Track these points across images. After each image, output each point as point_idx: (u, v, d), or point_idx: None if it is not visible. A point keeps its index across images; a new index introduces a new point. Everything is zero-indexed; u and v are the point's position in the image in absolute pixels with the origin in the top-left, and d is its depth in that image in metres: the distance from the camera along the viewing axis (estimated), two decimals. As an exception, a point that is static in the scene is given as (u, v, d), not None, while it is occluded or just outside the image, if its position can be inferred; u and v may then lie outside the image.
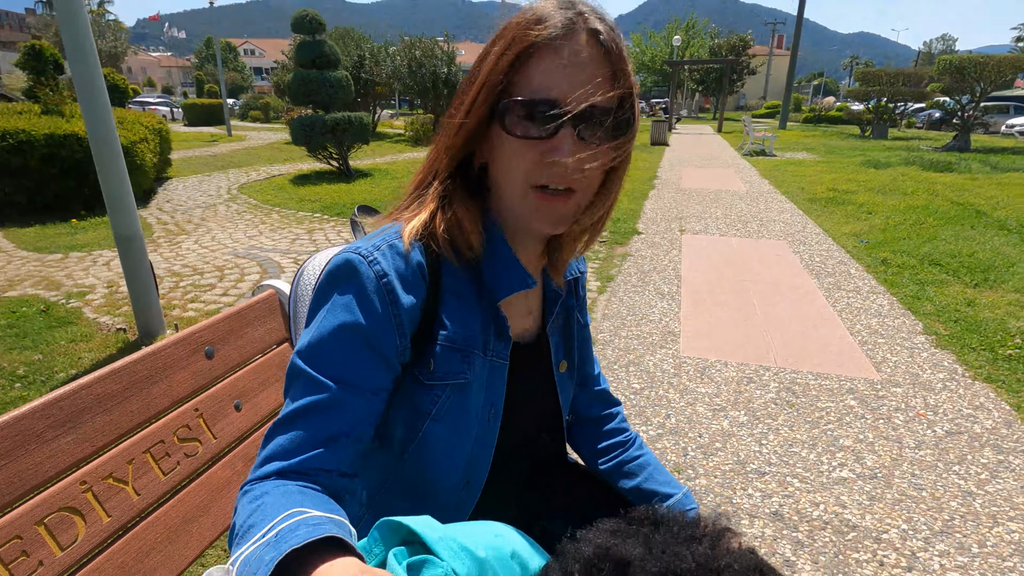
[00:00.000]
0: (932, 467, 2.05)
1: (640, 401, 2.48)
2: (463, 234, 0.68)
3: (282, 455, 0.60)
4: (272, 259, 4.58)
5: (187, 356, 1.02)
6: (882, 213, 6.37)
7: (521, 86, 0.60)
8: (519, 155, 0.62)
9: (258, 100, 27.59)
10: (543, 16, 0.60)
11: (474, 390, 0.71)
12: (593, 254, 4.76)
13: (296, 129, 8.39)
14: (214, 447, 1.04)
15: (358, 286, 0.63)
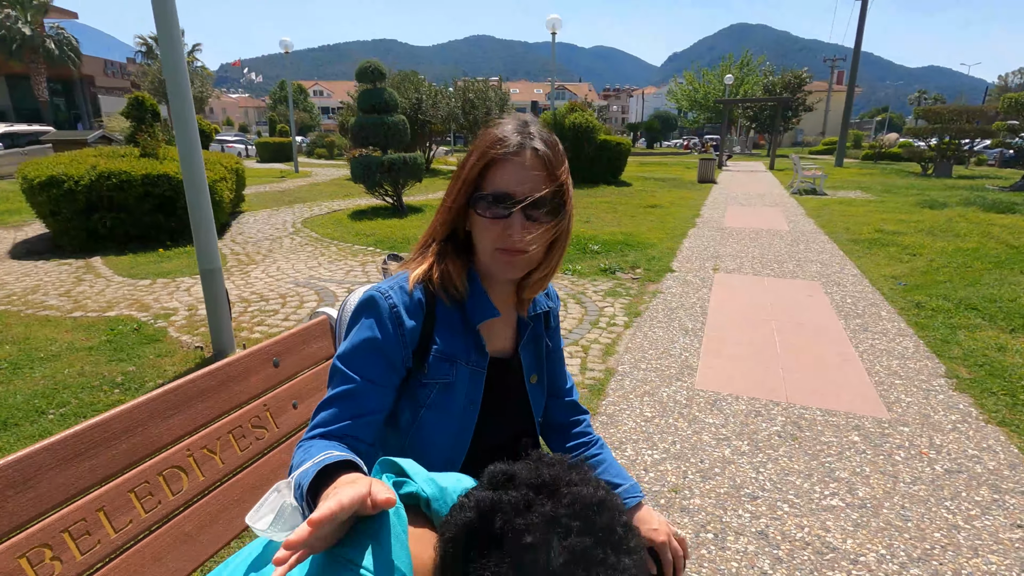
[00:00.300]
0: (923, 501, 2.15)
1: (649, 428, 2.68)
2: (451, 280, 0.99)
3: (323, 424, 0.91)
4: (328, 288, 5.05)
5: (260, 364, 1.36)
6: (927, 255, 6.28)
7: (487, 184, 0.92)
8: (487, 229, 0.93)
9: (323, 138, 29.48)
10: (503, 138, 0.92)
11: (457, 389, 1.00)
12: (624, 290, 4.99)
13: (356, 168, 9.10)
14: (276, 434, 1.36)
15: (377, 314, 0.95)
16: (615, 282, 5.28)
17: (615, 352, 3.62)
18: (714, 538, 1.95)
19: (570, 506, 0.61)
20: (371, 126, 9.05)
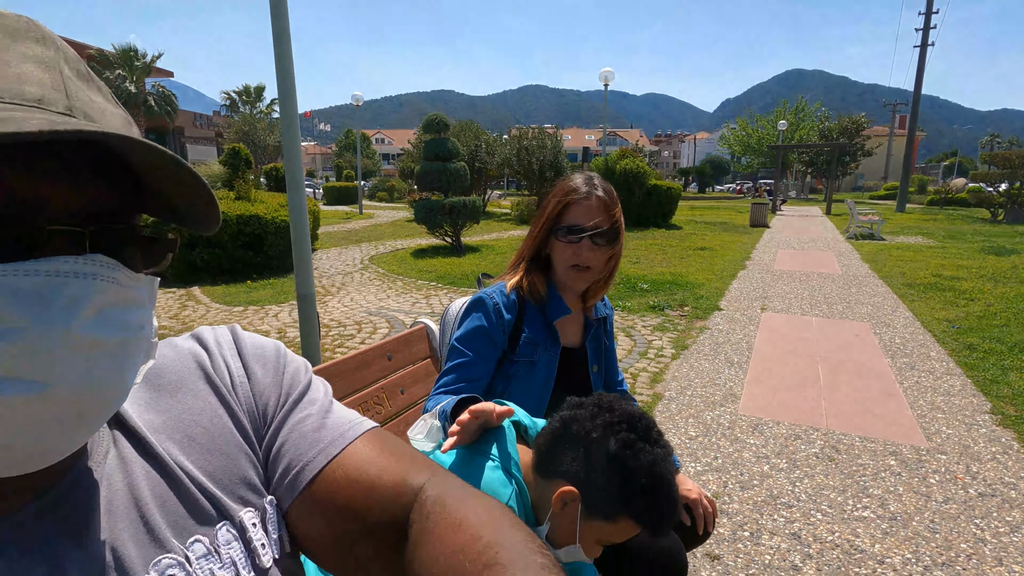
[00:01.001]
0: (953, 518, 2.31)
1: (693, 445, 2.93)
2: (536, 288, 1.38)
3: (445, 385, 1.30)
4: (397, 317, 5.55)
5: (380, 357, 1.77)
6: (985, 300, 6.22)
7: (563, 219, 1.32)
8: (563, 251, 1.32)
9: (385, 183, 31.24)
10: (575, 187, 1.32)
11: (538, 368, 1.38)
12: (672, 326, 5.24)
13: (419, 210, 9.82)
14: (390, 412, 1.76)
15: (484, 309, 1.34)
16: (663, 318, 5.54)
17: (662, 380, 3.88)
18: (750, 536, 2.19)
19: (620, 416, 0.96)
20: (434, 172, 9.80)
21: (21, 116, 0.30)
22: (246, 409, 0.53)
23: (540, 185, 18.05)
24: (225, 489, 0.49)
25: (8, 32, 0.35)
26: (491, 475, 0.96)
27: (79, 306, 0.33)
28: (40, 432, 0.33)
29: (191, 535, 0.45)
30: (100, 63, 26.73)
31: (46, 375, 0.32)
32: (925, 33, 24.35)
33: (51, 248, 0.33)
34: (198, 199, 0.39)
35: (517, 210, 16.72)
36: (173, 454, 0.47)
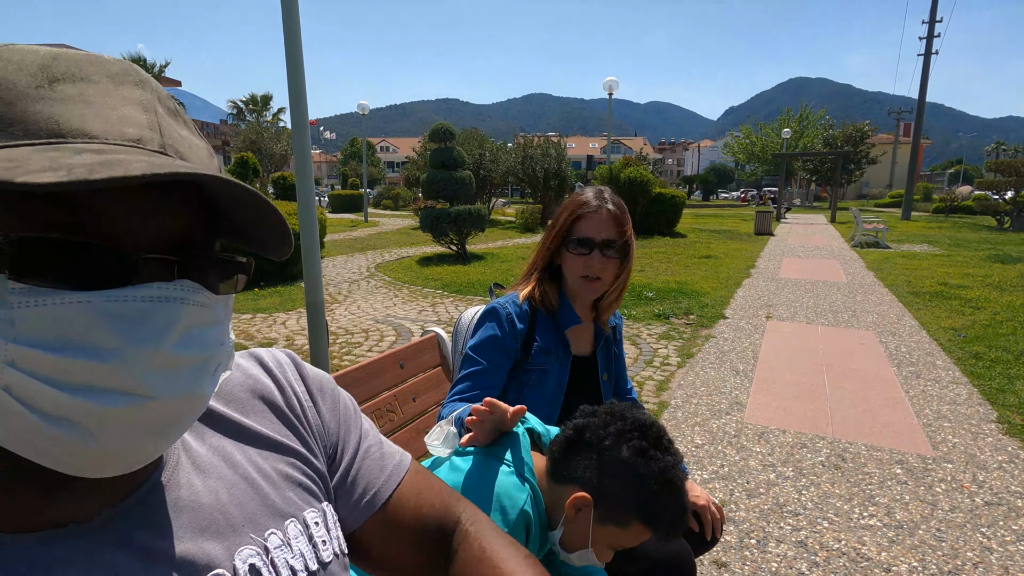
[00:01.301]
0: (960, 527, 2.32)
1: (699, 453, 2.95)
2: (548, 298, 1.41)
3: (459, 392, 1.34)
4: (404, 325, 5.59)
5: (392, 364, 1.81)
6: (992, 309, 6.22)
7: (575, 232, 1.35)
8: (574, 262, 1.36)
9: (390, 191, 31.40)
10: (587, 201, 1.36)
11: (550, 375, 1.41)
12: (677, 334, 5.26)
13: (425, 219, 9.89)
14: (402, 419, 1.80)
15: (497, 318, 1.38)
16: (668, 327, 5.57)
17: (668, 388, 3.90)
18: (756, 543, 2.21)
19: (632, 424, 1.00)
20: (440, 181, 9.87)
21: (124, 158, 0.33)
22: (315, 432, 0.60)
23: (544, 193, 18.13)
24: (292, 490, 0.54)
25: (112, 77, 0.38)
26: (506, 480, 0.99)
27: (169, 328, 0.36)
28: (134, 439, 0.37)
29: (266, 528, 0.50)
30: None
31: (142, 389, 0.35)
32: (929, 41, 24.41)
33: (145, 275, 0.36)
34: (274, 229, 0.42)
35: (522, 218, 16.79)
36: (245, 456, 0.52)
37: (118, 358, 0.34)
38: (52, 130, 0.34)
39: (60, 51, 0.38)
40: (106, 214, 0.35)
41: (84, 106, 0.36)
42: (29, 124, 0.34)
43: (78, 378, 0.34)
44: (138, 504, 0.44)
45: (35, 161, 0.31)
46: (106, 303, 0.34)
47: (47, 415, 0.34)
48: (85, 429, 0.34)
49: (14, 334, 0.32)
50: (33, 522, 0.39)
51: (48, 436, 0.34)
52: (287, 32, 4.09)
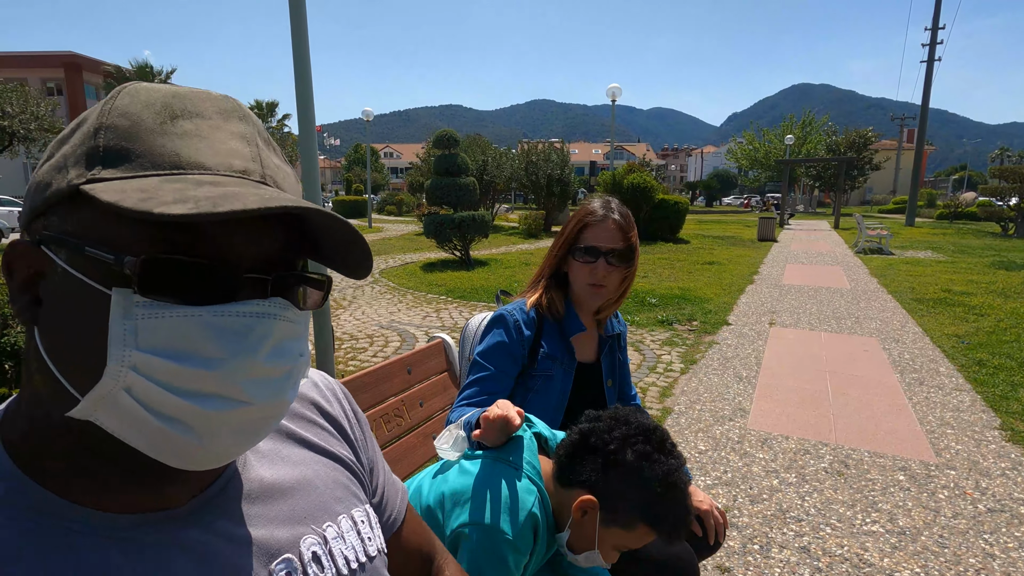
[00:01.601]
0: (962, 533, 2.33)
1: (702, 459, 2.97)
2: (554, 305, 1.45)
3: (467, 398, 1.37)
4: (408, 331, 5.63)
5: (400, 370, 1.84)
6: (995, 316, 6.22)
7: (582, 240, 1.39)
8: (580, 270, 1.39)
9: (393, 197, 31.52)
10: (593, 210, 1.39)
11: (554, 381, 1.44)
12: (680, 340, 5.28)
13: (428, 225, 9.94)
14: (409, 423, 1.83)
15: (505, 325, 1.41)
16: (672, 333, 5.59)
17: (671, 394, 3.92)
18: (760, 549, 2.22)
19: (636, 428, 1.02)
20: (444, 187, 9.93)
21: (238, 191, 0.38)
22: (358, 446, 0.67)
23: (548, 199, 18.18)
24: (341, 490, 0.60)
25: (221, 113, 0.43)
26: (515, 483, 1.02)
27: (264, 341, 0.40)
28: (231, 439, 0.41)
29: (324, 521, 0.56)
30: (116, 79, 27.30)
31: (241, 395, 0.40)
32: (932, 48, 24.46)
33: (246, 292, 0.41)
34: (358, 254, 0.47)
35: (525, 224, 16.84)
36: (301, 457, 0.59)
37: (222, 367, 0.39)
38: (174, 162, 0.39)
39: (179, 89, 0.43)
40: (217, 238, 0.39)
41: (199, 140, 0.41)
42: (155, 156, 0.39)
43: (188, 384, 0.38)
44: (218, 494, 0.49)
45: (165, 192, 0.36)
46: (214, 317, 0.38)
47: (160, 414, 0.38)
48: (191, 429, 0.39)
49: (137, 342, 0.37)
50: (132, 506, 0.44)
51: (160, 433, 0.38)
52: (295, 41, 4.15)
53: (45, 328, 0.40)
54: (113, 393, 0.37)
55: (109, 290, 0.37)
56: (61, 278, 0.39)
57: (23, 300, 0.41)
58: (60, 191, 0.38)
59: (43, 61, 29.92)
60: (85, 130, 0.40)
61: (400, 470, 1.72)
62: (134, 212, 0.34)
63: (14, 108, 13.50)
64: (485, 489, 1.01)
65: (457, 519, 0.99)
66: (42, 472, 0.42)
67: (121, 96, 0.41)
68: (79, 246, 0.37)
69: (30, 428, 0.43)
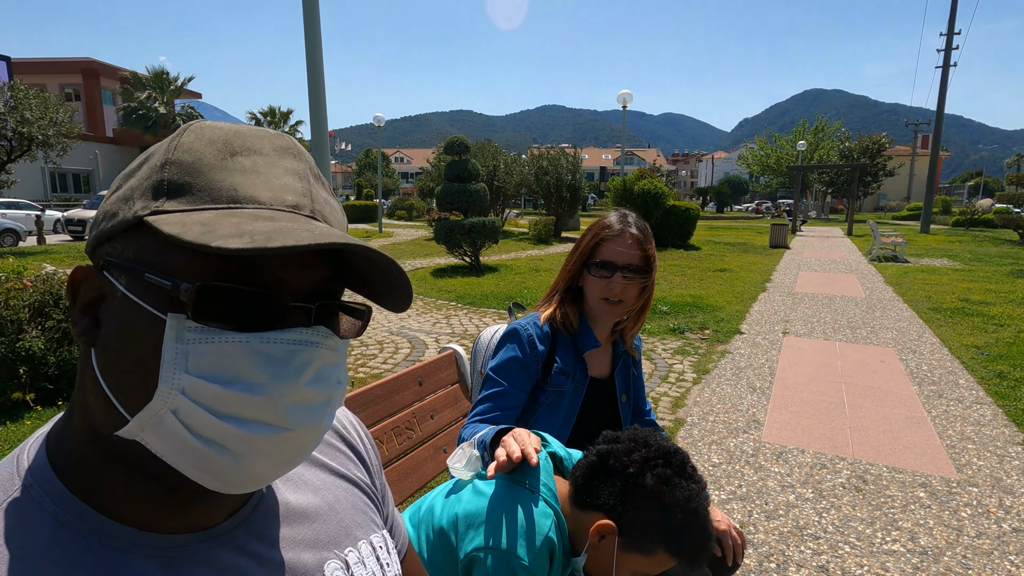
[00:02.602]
0: (987, 554, 2.26)
1: (716, 473, 2.92)
2: (569, 319, 1.42)
3: (480, 413, 1.34)
4: (418, 337, 5.62)
5: (411, 382, 1.82)
6: (1015, 326, 6.09)
7: (597, 255, 1.36)
8: (595, 284, 1.37)
9: (404, 202, 31.66)
10: (610, 224, 1.37)
11: (566, 396, 1.41)
12: (692, 349, 5.22)
13: (439, 230, 9.95)
14: (420, 436, 1.80)
15: (519, 340, 1.39)
16: (684, 341, 5.53)
17: (684, 405, 3.87)
18: (776, 567, 2.17)
19: (656, 451, 0.99)
20: (455, 193, 9.94)
21: (289, 226, 0.39)
22: (374, 472, 0.68)
23: (558, 205, 18.16)
24: (360, 516, 0.61)
25: (277, 150, 0.46)
26: (530, 505, 1.00)
27: (306, 368, 0.42)
28: (269, 463, 0.42)
29: (346, 546, 0.57)
30: (133, 85, 27.70)
31: (282, 421, 0.41)
32: (947, 53, 24.19)
33: (291, 320, 0.42)
34: (399, 290, 0.47)
35: (535, 230, 16.82)
36: (324, 483, 0.60)
37: (266, 392, 0.40)
38: (231, 196, 0.41)
39: (240, 128, 0.45)
40: (266, 268, 0.41)
41: (255, 176, 0.43)
42: (214, 191, 0.41)
43: (231, 408, 0.39)
44: (249, 516, 0.50)
45: (223, 226, 0.38)
46: (261, 343, 0.40)
47: (202, 437, 0.39)
48: (233, 453, 0.40)
49: (187, 366, 0.38)
50: (171, 526, 0.45)
51: (201, 454, 0.40)
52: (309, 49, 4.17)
53: (102, 350, 0.41)
54: (160, 414, 0.39)
55: (165, 315, 0.39)
56: (120, 302, 0.40)
57: (84, 322, 0.42)
58: (125, 220, 0.40)
59: (62, 67, 30.42)
60: (152, 164, 0.43)
61: (411, 483, 1.70)
62: (194, 245, 0.36)
63: (33, 114, 13.71)
64: (500, 512, 0.98)
65: (471, 543, 0.97)
66: (90, 492, 0.43)
67: (187, 133, 0.44)
68: (139, 272, 0.39)
69: (79, 448, 0.44)
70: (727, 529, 1.38)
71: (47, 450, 0.45)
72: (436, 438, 1.85)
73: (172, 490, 0.44)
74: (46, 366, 3.54)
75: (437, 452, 1.84)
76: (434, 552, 1.04)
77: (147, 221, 0.39)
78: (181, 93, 30.88)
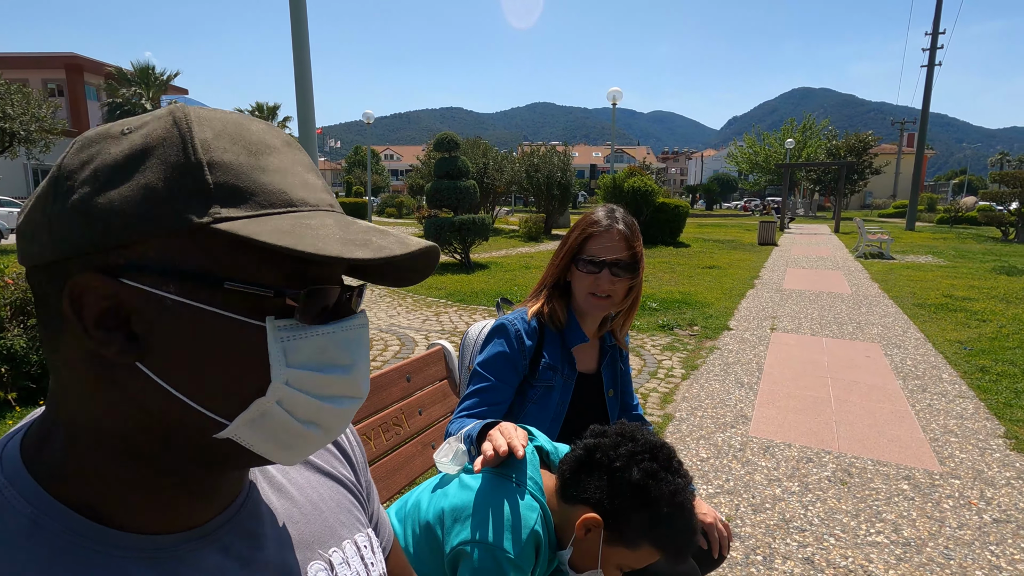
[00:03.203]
0: (968, 544, 2.30)
1: (704, 467, 2.94)
2: (556, 315, 1.42)
3: (467, 408, 1.34)
4: (408, 335, 5.60)
5: (399, 378, 1.81)
6: (997, 322, 6.19)
7: (585, 250, 1.36)
8: (583, 280, 1.37)
9: (394, 199, 31.52)
10: (597, 220, 1.37)
11: (554, 391, 1.41)
12: (681, 345, 5.26)
13: (429, 228, 9.92)
14: (408, 432, 1.80)
15: (506, 335, 1.38)
16: (673, 337, 5.56)
17: (673, 400, 3.89)
18: (763, 560, 2.19)
19: (643, 446, 1.00)
20: (445, 190, 9.92)
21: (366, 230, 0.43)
22: (359, 469, 0.68)
23: (548, 202, 18.17)
24: (344, 515, 0.61)
25: (286, 144, 0.45)
26: (517, 499, 1.00)
27: (366, 345, 0.47)
28: (342, 430, 0.47)
29: (330, 546, 0.56)
30: (118, 81, 27.32)
31: (359, 392, 0.46)
32: (932, 52, 24.48)
33: (348, 309, 0.47)
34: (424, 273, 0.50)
35: (525, 227, 16.82)
36: (307, 481, 0.59)
37: (352, 371, 0.45)
38: (286, 200, 0.41)
39: (239, 119, 0.44)
40: (331, 267, 0.44)
41: (289, 176, 0.43)
42: (268, 194, 0.41)
43: (329, 390, 0.44)
44: (235, 515, 0.50)
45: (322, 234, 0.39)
46: (344, 332, 0.44)
47: (304, 420, 0.43)
48: (324, 427, 0.45)
49: (287, 361, 0.41)
50: (153, 526, 0.45)
51: (298, 434, 0.43)
52: (296, 45, 4.14)
53: (160, 362, 0.40)
54: (266, 408, 0.41)
55: (261, 320, 0.40)
56: (174, 311, 0.39)
57: (116, 338, 0.39)
58: (168, 226, 0.38)
59: (45, 62, 29.90)
60: (170, 161, 0.39)
61: (399, 479, 1.69)
62: (318, 257, 0.37)
63: (15, 109, 13.48)
64: (487, 506, 0.98)
65: (457, 536, 0.97)
66: (72, 495, 0.43)
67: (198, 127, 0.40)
68: (210, 280, 0.39)
69: (69, 450, 0.43)
70: (713, 522, 1.39)
71: (21, 450, 0.44)
72: (424, 434, 1.84)
73: (178, 484, 0.44)
74: (28, 365, 3.49)
75: (425, 448, 1.83)
76: (420, 547, 1.04)
77: (218, 228, 0.37)
78: (167, 89, 30.50)
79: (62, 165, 0.40)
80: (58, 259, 0.39)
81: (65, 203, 0.38)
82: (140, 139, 0.40)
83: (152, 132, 0.40)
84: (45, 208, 0.39)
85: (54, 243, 0.39)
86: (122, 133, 0.40)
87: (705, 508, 1.40)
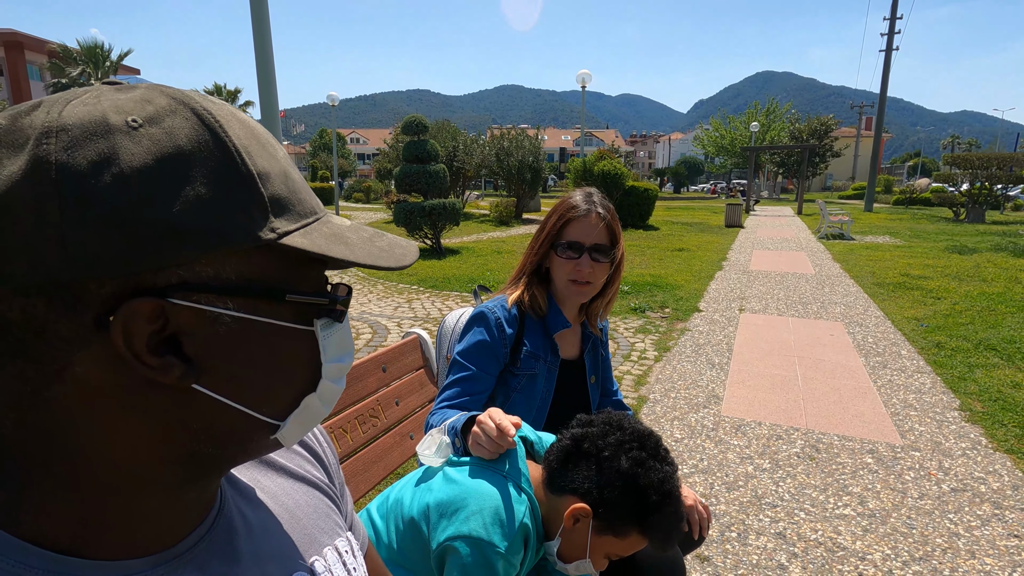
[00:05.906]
0: (928, 513, 2.41)
1: (679, 447, 2.99)
2: (537, 301, 1.40)
3: (448, 399, 1.32)
4: (380, 323, 5.52)
5: (374, 369, 1.77)
6: (951, 299, 6.46)
7: (564, 236, 1.34)
8: (563, 266, 1.35)
9: (361, 184, 30.92)
10: (575, 205, 1.35)
11: (538, 379, 1.40)
12: (653, 328, 5.32)
13: (398, 213, 9.76)
14: (386, 423, 1.76)
15: (486, 323, 1.36)
16: (645, 320, 5.63)
17: (646, 382, 3.94)
18: (737, 536, 2.25)
19: (630, 435, 0.99)
20: (414, 174, 9.75)
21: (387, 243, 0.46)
22: (332, 470, 0.65)
23: (519, 186, 18.09)
24: (323, 520, 0.59)
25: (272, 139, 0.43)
26: (504, 491, 0.98)
27: None
28: None
29: (311, 555, 0.54)
30: (63, 60, 25.86)
31: (347, 372, 0.48)
32: (890, 37, 25.11)
33: None
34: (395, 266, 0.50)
35: (496, 211, 16.73)
36: (281, 488, 0.57)
37: (352, 355, 0.49)
38: (311, 209, 0.42)
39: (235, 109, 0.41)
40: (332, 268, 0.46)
41: (300, 179, 0.44)
42: (301, 204, 0.41)
43: (339, 373, 0.47)
44: (207, 534, 0.47)
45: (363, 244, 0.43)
46: (351, 323, 0.46)
47: (327, 403, 0.47)
48: (330, 405, 0.48)
49: (326, 356, 0.44)
50: (121, 551, 0.41)
51: (317, 415, 0.46)
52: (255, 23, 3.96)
53: (221, 379, 0.39)
54: (310, 403, 0.45)
55: (310, 325, 0.43)
56: (230, 326, 0.38)
57: (173, 361, 0.36)
58: (236, 244, 0.36)
59: (-20, 39, 28.11)
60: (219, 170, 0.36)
61: (377, 471, 1.66)
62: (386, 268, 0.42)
63: (-50, 90, 12.62)
64: (474, 499, 0.96)
65: (444, 532, 0.95)
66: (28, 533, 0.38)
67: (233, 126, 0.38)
68: (272, 293, 0.40)
69: (17, 494, 0.38)
70: (693, 504, 1.40)
71: None
72: (402, 425, 1.81)
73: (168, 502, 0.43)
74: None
75: (404, 439, 1.80)
76: (405, 543, 1.01)
77: (283, 244, 0.38)
78: (118, 69, 29.05)
79: (59, 164, 0.32)
80: (73, 279, 0.32)
81: (86, 214, 0.32)
82: (165, 137, 0.34)
83: (178, 130, 0.35)
84: (43, 217, 0.32)
85: (71, 261, 0.32)
86: (129, 126, 0.34)
87: (685, 491, 1.41)
